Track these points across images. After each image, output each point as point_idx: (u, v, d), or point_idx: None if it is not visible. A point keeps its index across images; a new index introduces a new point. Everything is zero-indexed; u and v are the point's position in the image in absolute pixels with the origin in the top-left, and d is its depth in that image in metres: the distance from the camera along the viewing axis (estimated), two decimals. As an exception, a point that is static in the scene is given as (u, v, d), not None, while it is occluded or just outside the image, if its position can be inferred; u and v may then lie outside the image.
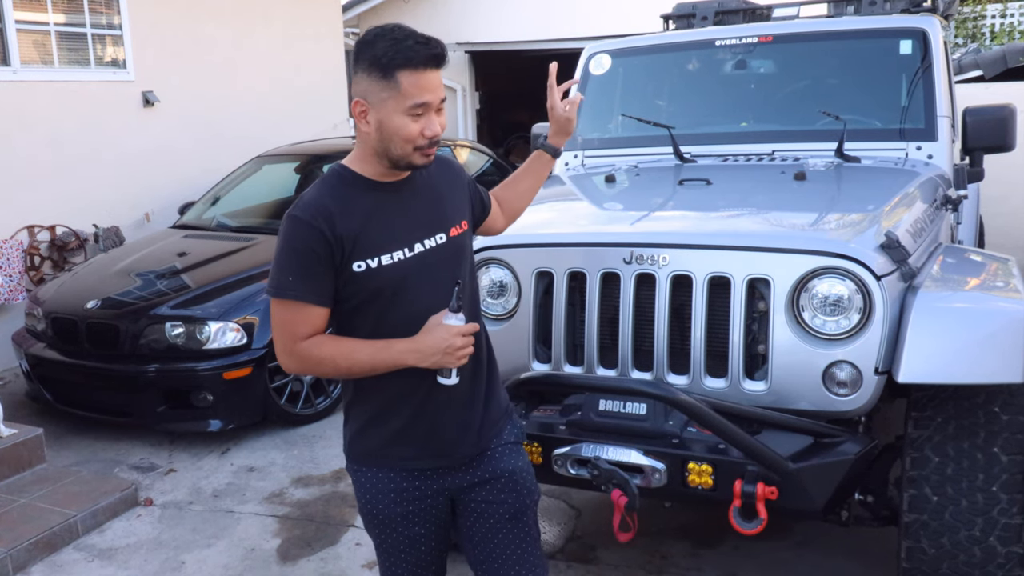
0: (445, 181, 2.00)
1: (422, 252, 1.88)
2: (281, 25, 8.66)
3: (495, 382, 2.07)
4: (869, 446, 2.49)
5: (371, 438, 1.97)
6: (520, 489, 2.02)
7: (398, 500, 1.96)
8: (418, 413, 1.92)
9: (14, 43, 6.19)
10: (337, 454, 4.52)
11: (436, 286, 1.88)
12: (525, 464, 2.07)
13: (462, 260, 1.96)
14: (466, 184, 2.09)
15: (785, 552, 3.35)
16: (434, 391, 1.89)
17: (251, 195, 6.51)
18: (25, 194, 6.28)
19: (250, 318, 4.66)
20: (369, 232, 1.84)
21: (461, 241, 1.97)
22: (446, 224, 1.94)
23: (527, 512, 2.04)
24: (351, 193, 1.87)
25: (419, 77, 1.75)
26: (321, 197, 1.85)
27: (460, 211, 2.00)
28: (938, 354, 2.34)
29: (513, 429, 2.08)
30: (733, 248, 2.56)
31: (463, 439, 1.96)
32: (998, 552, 2.30)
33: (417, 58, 1.74)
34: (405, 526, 1.99)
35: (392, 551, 2.02)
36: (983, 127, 3.61)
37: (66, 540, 3.69)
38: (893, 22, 3.91)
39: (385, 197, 1.88)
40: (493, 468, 2.00)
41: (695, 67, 4.18)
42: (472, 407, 1.97)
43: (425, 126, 1.79)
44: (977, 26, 10.51)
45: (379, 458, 1.97)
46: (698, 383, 2.59)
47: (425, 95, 1.76)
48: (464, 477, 1.99)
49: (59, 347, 4.86)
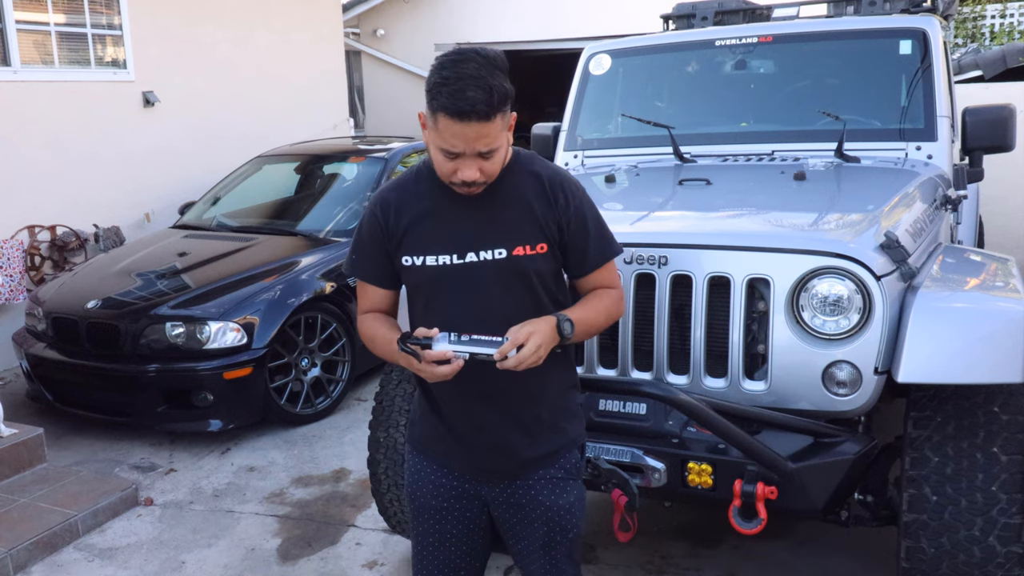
0: (535, 197, 1.87)
1: (474, 262, 1.85)
2: (281, 25, 8.66)
3: (549, 413, 1.96)
4: (869, 446, 2.49)
5: (423, 427, 2.03)
6: (553, 525, 1.97)
7: (435, 493, 2.01)
8: (457, 419, 1.95)
9: (14, 43, 6.19)
10: (337, 454, 4.53)
11: (479, 298, 1.86)
12: (567, 502, 1.98)
13: (521, 281, 1.86)
14: (561, 210, 1.87)
15: (785, 552, 3.35)
16: (474, 403, 1.91)
17: (251, 195, 6.51)
18: (25, 194, 6.29)
19: (250, 318, 4.66)
20: (420, 230, 1.88)
21: (525, 262, 1.85)
22: (511, 241, 1.85)
23: (558, 547, 1.99)
24: (419, 189, 1.91)
25: (453, 125, 1.70)
26: (390, 188, 1.96)
27: (538, 232, 1.86)
28: (938, 354, 2.34)
29: (567, 464, 1.99)
30: (733, 248, 2.56)
31: (493, 458, 1.95)
32: (997, 552, 2.30)
33: (453, 108, 1.68)
34: (438, 520, 2.02)
35: (424, 542, 2.06)
36: (983, 127, 3.61)
37: (66, 540, 3.69)
38: (893, 22, 3.91)
39: (452, 200, 1.87)
40: (531, 498, 1.96)
41: (695, 67, 4.18)
42: (510, 430, 1.92)
43: (459, 168, 1.76)
44: (977, 26, 10.51)
45: (425, 448, 2.03)
46: (698, 383, 2.59)
47: (455, 144, 1.73)
48: (500, 494, 1.98)
49: (59, 347, 4.86)
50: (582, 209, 1.91)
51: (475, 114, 1.68)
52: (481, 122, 1.70)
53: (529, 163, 1.94)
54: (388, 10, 12.26)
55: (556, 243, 1.89)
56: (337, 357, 5.15)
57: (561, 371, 1.98)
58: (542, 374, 1.86)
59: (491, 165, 1.78)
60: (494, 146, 1.75)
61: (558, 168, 1.97)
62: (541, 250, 1.87)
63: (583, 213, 1.91)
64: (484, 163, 1.77)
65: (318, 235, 5.64)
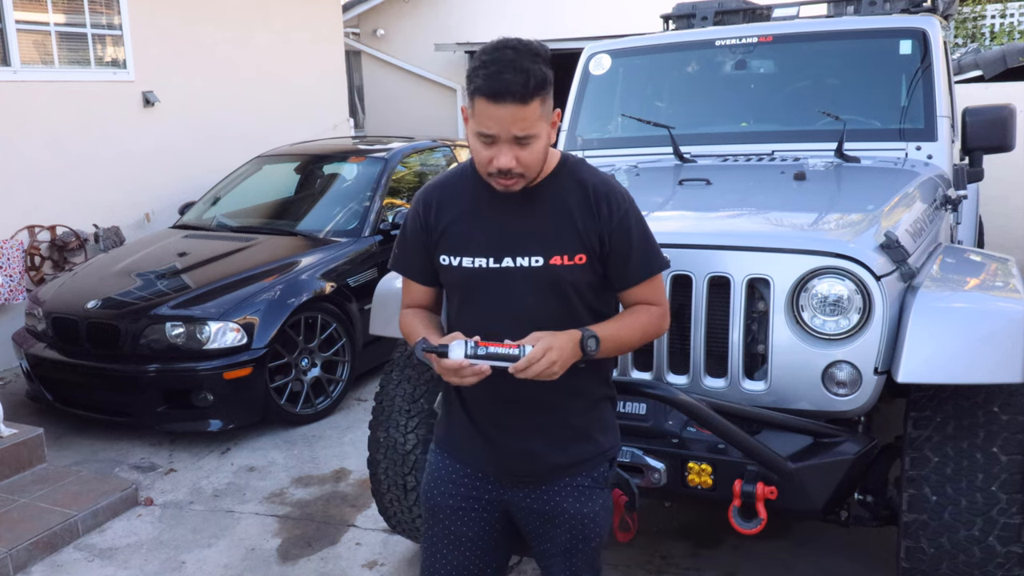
0: (578, 206, 1.84)
1: (510, 268, 1.83)
2: (281, 25, 8.66)
3: (578, 422, 1.94)
4: (868, 446, 2.49)
5: (451, 426, 2.02)
6: (576, 532, 1.96)
7: (453, 492, 1.99)
8: (485, 421, 1.94)
9: (14, 43, 6.19)
10: (337, 454, 4.53)
11: (512, 304, 1.84)
12: (592, 511, 1.96)
13: (555, 290, 1.83)
14: (604, 221, 1.83)
15: (785, 552, 3.35)
16: (501, 406, 1.90)
17: (251, 195, 6.51)
18: (25, 194, 6.29)
19: (250, 318, 4.66)
20: (458, 230, 1.88)
21: (561, 272, 1.82)
22: (549, 249, 1.82)
23: (579, 554, 1.98)
24: (464, 187, 1.91)
25: (489, 107, 1.70)
26: (436, 185, 1.97)
27: (577, 243, 1.83)
28: (937, 354, 2.34)
29: (594, 472, 1.96)
30: (733, 248, 2.56)
31: (519, 462, 1.93)
32: (997, 552, 2.30)
33: (489, 88, 1.68)
34: (453, 521, 2.00)
35: (436, 544, 2.03)
36: (983, 127, 3.61)
37: (66, 540, 3.69)
38: (893, 22, 3.91)
39: (494, 203, 1.86)
40: (555, 505, 1.94)
41: (695, 67, 4.18)
42: (535, 436, 1.91)
43: (495, 156, 1.74)
44: (977, 26, 10.51)
45: (452, 447, 2.02)
46: (698, 383, 2.59)
47: (491, 127, 1.72)
48: (524, 498, 1.97)
49: (59, 347, 4.86)
50: (627, 221, 1.85)
51: (510, 95, 1.67)
52: (516, 104, 1.68)
53: (576, 170, 1.89)
54: (388, 10, 12.27)
55: (597, 255, 1.84)
56: (337, 357, 5.15)
57: (593, 382, 1.94)
58: (571, 383, 1.83)
59: (528, 155, 1.75)
60: (531, 132, 1.72)
61: (606, 177, 1.90)
62: (580, 261, 1.83)
63: (627, 225, 1.85)
64: (521, 152, 1.73)
65: (318, 235, 5.64)
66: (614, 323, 1.89)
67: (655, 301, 1.93)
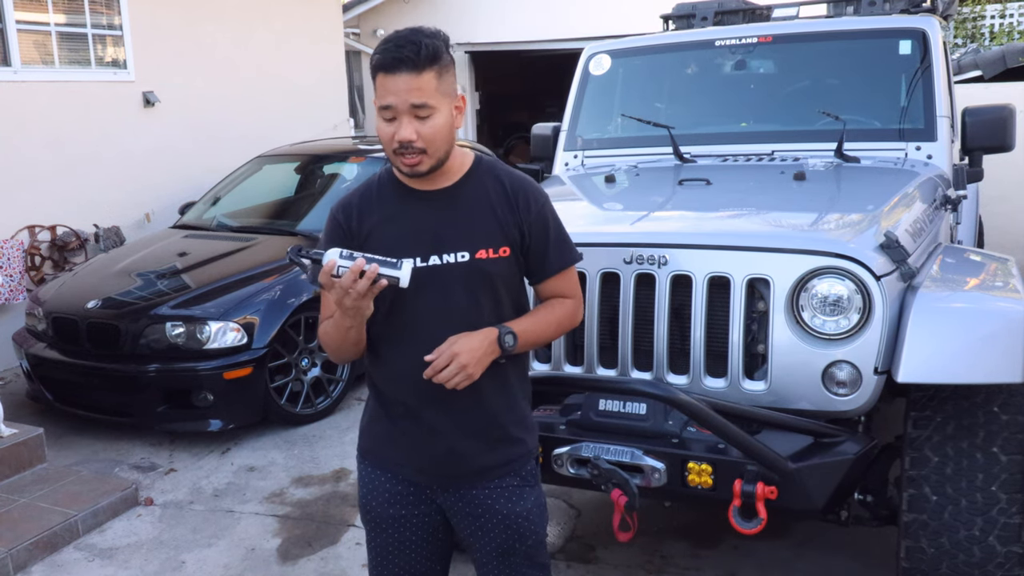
0: (498, 200, 1.88)
1: (438, 265, 1.84)
2: (281, 25, 8.67)
3: (505, 422, 1.94)
4: (869, 446, 2.49)
5: (372, 436, 2.01)
6: (512, 532, 1.95)
7: (392, 502, 1.98)
8: (410, 424, 1.92)
9: (14, 43, 6.20)
10: (337, 454, 4.53)
11: (442, 301, 1.85)
12: (525, 509, 1.96)
13: (484, 284, 1.86)
14: (523, 213, 1.88)
15: (785, 552, 3.35)
16: (427, 408, 1.89)
17: (251, 195, 6.51)
18: (25, 194, 6.29)
19: (250, 318, 4.66)
20: (383, 234, 1.87)
21: (487, 265, 1.85)
22: (474, 243, 1.85)
23: (516, 554, 1.97)
24: (382, 193, 1.92)
25: (386, 80, 1.75)
26: (352, 194, 1.96)
27: (500, 236, 1.87)
28: (937, 354, 2.34)
29: (522, 471, 1.97)
30: (733, 248, 2.56)
31: (447, 464, 1.92)
32: (997, 551, 2.31)
33: (384, 61, 1.75)
34: (396, 529, 1.99)
35: (382, 552, 2.04)
36: (983, 127, 3.61)
37: (66, 540, 3.69)
38: (893, 22, 3.91)
39: (415, 204, 1.88)
40: (488, 507, 1.94)
41: (695, 67, 4.18)
42: (463, 437, 1.90)
43: (397, 130, 1.77)
44: (976, 26, 10.51)
45: (377, 457, 2.00)
46: (698, 383, 2.59)
47: (388, 97, 1.75)
48: (456, 502, 1.96)
49: (60, 347, 4.86)
50: (544, 214, 1.91)
51: (403, 63, 1.73)
52: (410, 73, 1.73)
53: (492, 168, 1.95)
54: (388, 10, 12.26)
55: (519, 247, 1.89)
56: (337, 357, 5.14)
57: (516, 381, 1.96)
58: (497, 382, 1.88)
59: (429, 130, 1.77)
60: (427, 101, 1.75)
61: (522, 175, 1.96)
62: (504, 254, 1.87)
63: (545, 218, 1.91)
64: (420, 126, 1.76)
65: (318, 235, 5.62)
66: (529, 318, 1.93)
67: (570, 293, 1.99)
